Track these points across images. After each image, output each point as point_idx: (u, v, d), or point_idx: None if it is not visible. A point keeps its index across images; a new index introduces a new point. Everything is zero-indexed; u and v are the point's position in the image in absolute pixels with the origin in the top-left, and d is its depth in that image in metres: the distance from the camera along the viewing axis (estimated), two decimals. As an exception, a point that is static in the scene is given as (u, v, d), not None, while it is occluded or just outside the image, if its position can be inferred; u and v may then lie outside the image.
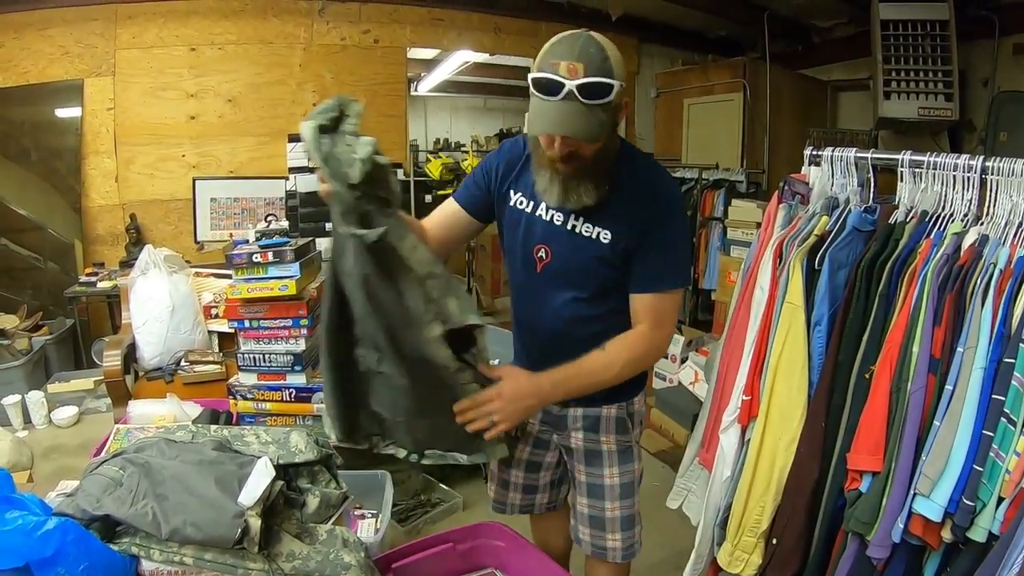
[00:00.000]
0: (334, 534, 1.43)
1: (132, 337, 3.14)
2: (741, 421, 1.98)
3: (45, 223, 4.39)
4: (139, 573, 1.31)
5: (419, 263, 1.42)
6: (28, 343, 3.72)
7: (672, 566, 2.74)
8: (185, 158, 4.80)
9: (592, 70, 1.39)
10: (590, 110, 1.41)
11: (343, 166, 1.34)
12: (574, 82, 1.38)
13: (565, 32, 1.45)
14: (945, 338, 1.60)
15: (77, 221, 4.49)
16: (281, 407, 2.40)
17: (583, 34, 1.43)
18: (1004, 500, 1.45)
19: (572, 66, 1.39)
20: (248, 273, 2.32)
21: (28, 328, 3.92)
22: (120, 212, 4.64)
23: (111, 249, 4.62)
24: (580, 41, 1.41)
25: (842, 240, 1.84)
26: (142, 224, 4.62)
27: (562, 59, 1.40)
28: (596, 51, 1.41)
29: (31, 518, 1.18)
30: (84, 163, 4.52)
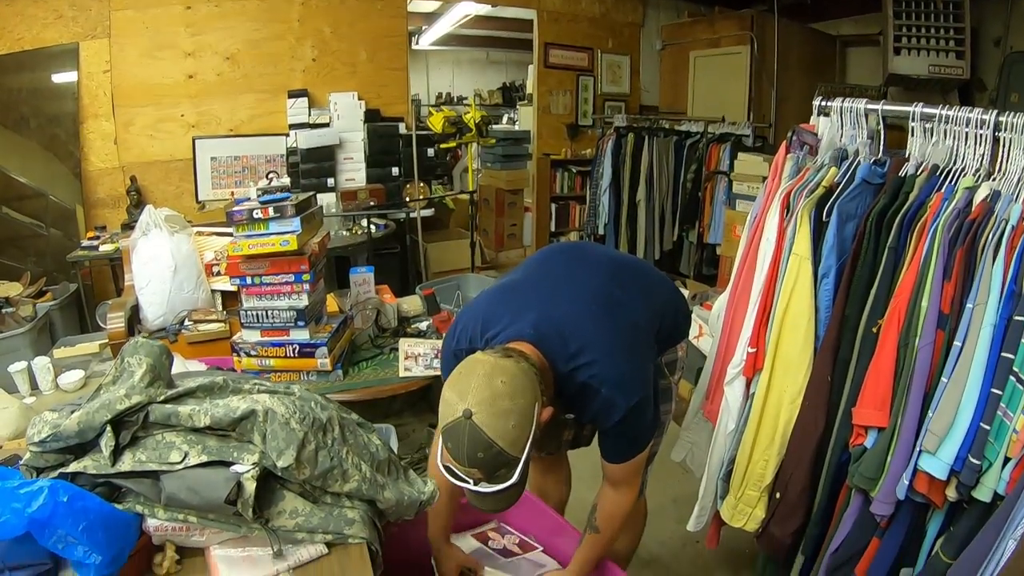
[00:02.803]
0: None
1: (135, 298, 3.12)
2: (746, 373, 1.97)
3: (46, 190, 4.38)
4: (143, 530, 1.29)
5: None
6: (32, 309, 3.71)
7: (674, 518, 2.77)
8: (184, 118, 4.76)
9: (487, 473, 1.35)
10: (501, 492, 1.38)
11: None
12: (475, 487, 1.37)
13: (452, 412, 1.34)
14: (955, 294, 1.58)
15: (78, 186, 4.48)
16: (285, 363, 2.39)
17: (465, 432, 1.32)
18: (1011, 460, 1.44)
19: (467, 471, 1.36)
20: (249, 229, 2.29)
21: (32, 295, 3.90)
22: (120, 175, 4.62)
23: (113, 212, 4.61)
24: (465, 444, 1.32)
25: (851, 192, 1.81)
26: (143, 186, 4.61)
27: (457, 462, 1.36)
28: (484, 450, 1.32)
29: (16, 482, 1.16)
30: (82, 127, 4.49)
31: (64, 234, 4.39)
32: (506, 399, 1.32)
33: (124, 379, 1.39)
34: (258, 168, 4.72)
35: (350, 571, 1.31)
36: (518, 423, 1.32)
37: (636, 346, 1.56)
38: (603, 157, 5.79)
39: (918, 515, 1.66)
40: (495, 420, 1.31)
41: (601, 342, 1.50)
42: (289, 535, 1.31)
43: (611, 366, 1.49)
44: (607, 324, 1.53)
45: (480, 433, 1.30)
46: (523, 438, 1.34)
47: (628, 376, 1.50)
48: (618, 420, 1.50)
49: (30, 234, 4.34)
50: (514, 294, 1.64)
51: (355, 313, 2.78)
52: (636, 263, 1.92)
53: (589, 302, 1.56)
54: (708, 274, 5.21)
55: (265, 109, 4.89)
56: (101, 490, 1.28)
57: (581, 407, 1.54)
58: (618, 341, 1.52)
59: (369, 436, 1.52)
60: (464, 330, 1.61)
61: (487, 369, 1.36)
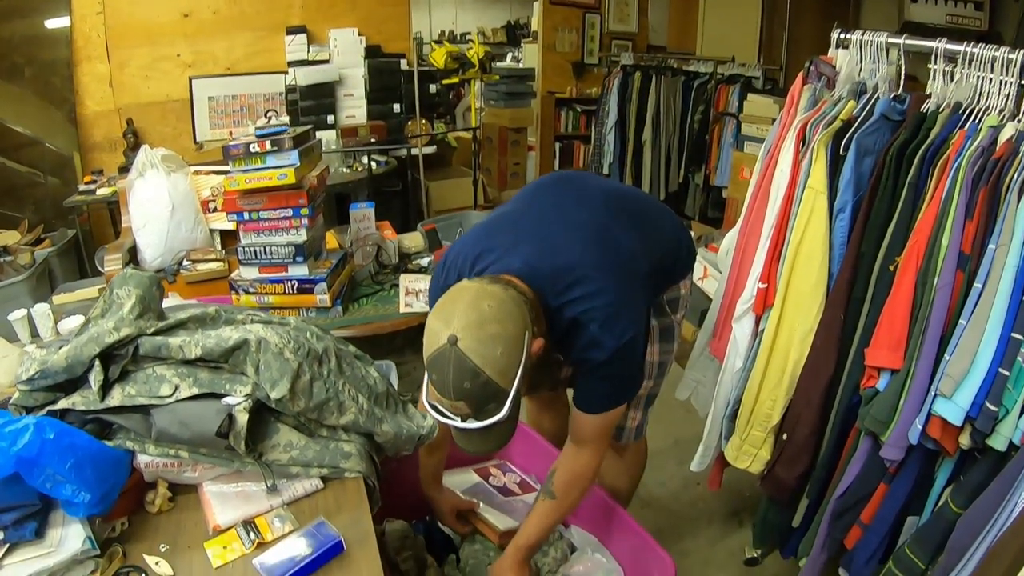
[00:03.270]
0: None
1: (133, 240, 3.09)
2: (756, 310, 1.93)
3: (42, 138, 4.31)
4: (135, 467, 1.27)
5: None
6: (31, 257, 3.69)
7: (675, 459, 2.76)
8: (180, 57, 4.64)
9: (475, 406, 1.27)
10: (488, 430, 1.31)
11: None
12: (461, 423, 1.29)
13: (436, 341, 1.26)
14: (976, 233, 1.52)
15: (74, 132, 4.41)
16: (284, 299, 2.35)
17: (450, 361, 1.23)
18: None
19: (453, 405, 1.27)
20: (245, 163, 2.23)
21: (30, 242, 3.88)
22: (116, 117, 4.52)
23: (110, 156, 4.53)
24: (451, 374, 1.24)
25: (870, 126, 1.74)
26: (139, 128, 4.53)
27: (442, 395, 1.27)
28: (471, 379, 1.23)
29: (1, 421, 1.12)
30: (76, 71, 4.38)
31: (62, 182, 4.34)
32: (493, 324, 1.25)
33: (113, 311, 1.35)
34: (257, 107, 4.63)
35: (346, 506, 1.29)
36: (506, 350, 1.25)
37: (631, 283, 1.48)
38: (609, 96, 5.71)
39: (927, 462, 1.63)
40: (482, 346, 1.23)
41: (594, 277, 1.41)
42: (283, 469, 1.29)
43: (603, 302, 1.41)
44: (601, 258, 1.45)
45: (466, 360, 1.22)
46: (512, 368, 1.26)
47: (620, 314, 1.42)
48: (603, 361, 1.42)
49: (28, 183, 4.29)
50: (505, 226, 1.56)
51: (355, 249, 2.74)
52: (636, 193, 1.85)
53: (583, 234, 1.48)
54: (713, 216, 5.17)
55: (263, 47, 4.76)
56: (91, 427, 1.25)
57: (568, 345, 1.46)
58: (612, 276, 1.44)
59: (367, 368, 1.49)
60: (453, 264, 1.54)
61: (472, 294, 1.29)
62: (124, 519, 1.23)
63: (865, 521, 1.73)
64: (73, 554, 1.11)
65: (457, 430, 1.33)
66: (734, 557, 2.36)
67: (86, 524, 1.15)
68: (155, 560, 1.15)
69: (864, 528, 1.74)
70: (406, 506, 1.81)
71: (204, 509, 1.25)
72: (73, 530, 1.14)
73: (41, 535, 1.13)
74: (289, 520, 1.24)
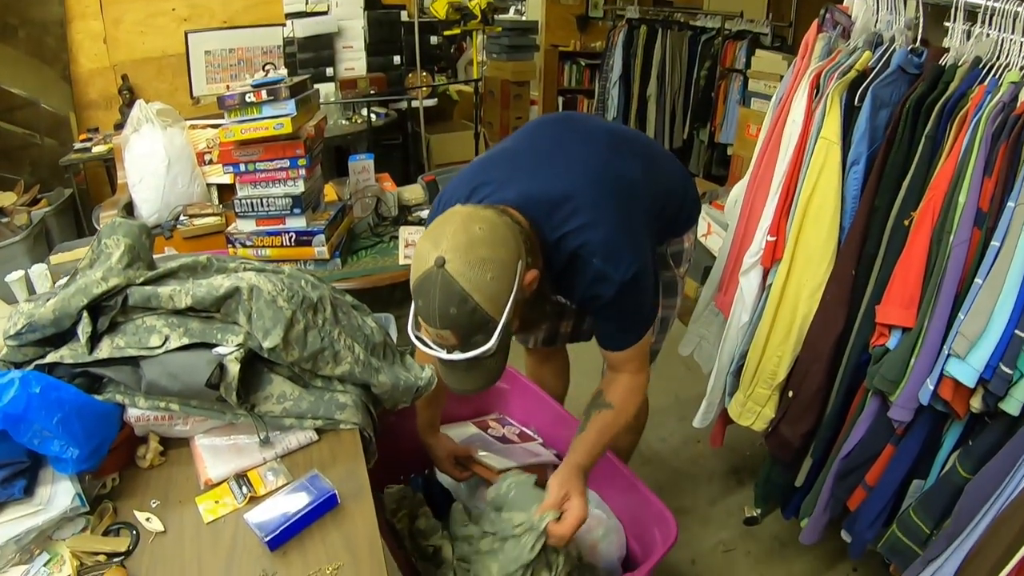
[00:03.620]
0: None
1: (129, 196, 3.05)
2: (764, 263, 1.88)
3: (37, 99, 4.23)
4: (125, 421, 1.24)
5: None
6: (27, 218, 3.65)
7: (676, 416, 2.75)
8: (176, 11, 4.56)
9: (462, 334, 1.21)
10: (477, 363, 1.26)
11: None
12: (447, 355, 1.24)
13: (424, 264, 1.20)
14: (995, 190, 1.47)
15: (69, 92, 4.35)
16: (281, 252, 2.33)
17: (437, 284, 1.17)
18: None
19: (439, 334, 1.21)
20: (241, 114, 2.19)
21: (26, 203, 3.85)
22: (111, 74, 4.45)
23: (105, 114, 4.47)
24: (437, 299, 1.17)
25: (886, 77, 1.68)
26: (135, 84, 4.46)
27: (427, 323, 1.21)
28: (458, 305, 1.17)
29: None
30: (70, 28, 4.30)
31: (58, 142, 4.29)
32: (484, 247, 1.19)
33: (101, 261, 1.31)
34: (254, 60, 4.54)
35: (341, 458, 1.26)
36: (497, 276, 1.19)
37: (632, 214, 1.42)
38: (614, 50, 5.64)
39: (935, 425, 1.60)
40: (471, 270, 1.17)
41: (593, 209, 1.35)
42: (277, 421, 1.26)
43: (604, 234, 1.35)
44: (601, 189, 1.39)
45: (453, 283, 1.17)
46: (502, 295, 1.20)
47: (623, 246, 1.36)
48: (612, 297, 1.36)
49: (24, 144, 4.24)
50: (502, 161, 1.50)
51: (354, 201, 2.72)
52: (638, 136, 1.77)
53: (582, 167, 1.41)
54: (718, 174, 5.14)
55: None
56: (80, 381, 1.22)
57: (570, 283, 1.41)
58: (612, 208, 1.38)
59: (364, 318, 1.45)
60: (448, 199, 1.47)
61: (463, 216, 1.23)
62: (115, 475, 1.21)
63: (870, 483, 1.71)
64: (63, 511, 1.09)
65: (442, 363, 1.28)
66: (733, 516, 2.36)
67: (75, 481, 1.12)
68: (146, 516, 1.13)
69: (868, 490, 1.72)
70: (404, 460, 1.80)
71: (196, 463, 1.23)
72: (62, 487, 1.12)
73: (30, 493, 1.11)
74: (282, 473, 1.21)
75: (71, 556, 1.04)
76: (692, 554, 2.22)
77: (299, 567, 1.06)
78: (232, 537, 1.11)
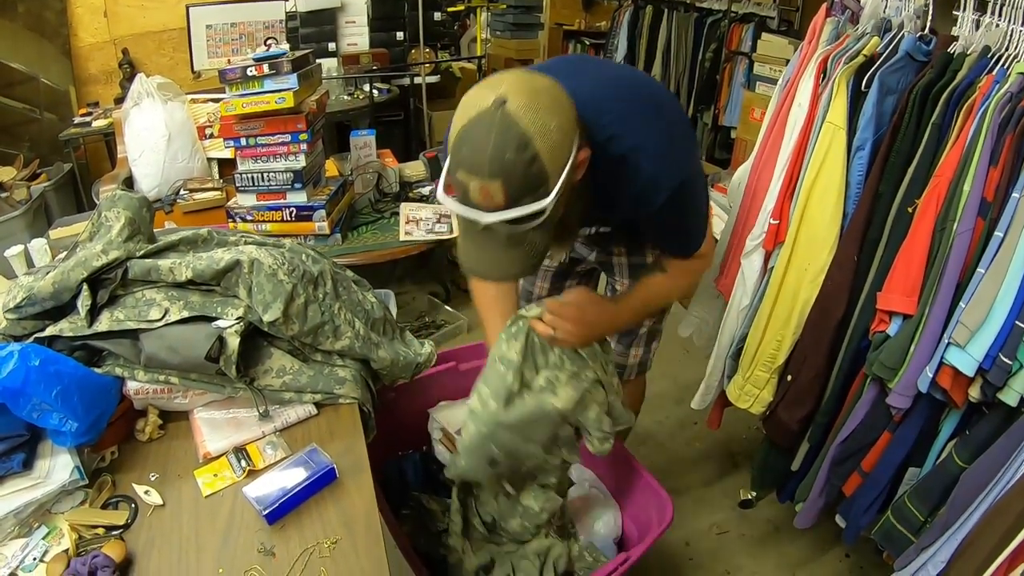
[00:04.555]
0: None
1: (129, 171, 3.05)
2: (766, 246, 1.88)
3: (37, 73, 4.21)
4: (124, 394, 1.24)
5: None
6: (27, 192, 3.64)
7: (673, 399, 2.76)
8: (177, -15, 4.50)
9: (515, 186, 1.02)
10: (521, 239, 1.10)
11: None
12: (490, 216, 1.05)
13: (477, 106, 1.03)
14: (1000, 181, 1.46)
15: (69, 66, 4.32)
16: (282, 227, 2.33)
17: (496, 121, 1.01)
18: None
19: (485, 188, 1.03)
20: (243, 88, 2.18)
21: (26, 177, 3.83)
22: (112, 48, 4.42)
23: (106, 88, 4.44)
24: (491, 142, 1.00)
25: (893, 64, 1.67)
26: (135, 59, 4.43)
27: (472, 174, 1.03)
28: (516, 150, 1.00)
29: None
30: (70, 2, 4.26)
31: (58, 117, 4.26)
32: (548, 96, 1.04)
33: (101, 234, 1.31)
34: (256, 35, 4.50)
35: (340, 433, 1.27)
36: (561, 127, 1.03)
37: (678, 126, 1.34)
38: (619, 29, 5.61)
39: (933, 414, 1.60)
40: (535, 113, 1.01)
41: (642, 115, 1.25)
42: (276, 395, 1.26)
43: (654, 139, 1.24)
44: (645, 101, 1.29)
45: (514, 125, 1.00)
46: (564, 153, 1.05)
47: (674, 150, 1.27)
48: (663, 203, 1.25)
49: (24, 120, 4.21)
50: (538, 70, 1.26)
51: (355, 177, 2.71)
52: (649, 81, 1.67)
53: (616, 86, 1.30)
54: (721, 157, 5.10)
55: (263, -27, 4.62)
56: (79, 354, 1.22)
57: (616, 190, 1.26)
58: (660, 116, 1.28)
59: (364, 293, 1.45)
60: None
61: (522, 71, 1.10)
62: (114, 448, 1.21)
63: (866, 469, 1.72)
64: (62, 485, 1.09)
65: (472, 239, 1.13)
66: (728, 498, 2.37)
67: (75, 454, 1.13)
68: (145, 489, 1.14)
69: (864, 476, 1.73)
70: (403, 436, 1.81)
71: (195, 436, 1.23)
72: (61, 460, 1.13)
73: (29, 466, 1.12)
74: (281, 447, 1.22)
75: (70, 529, 1.05)
76: (686, 535, 2.23)
77: (296, 541, 1.06)
78: (230, 511, 1.11)
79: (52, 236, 2.70)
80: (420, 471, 1.83)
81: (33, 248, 2.35)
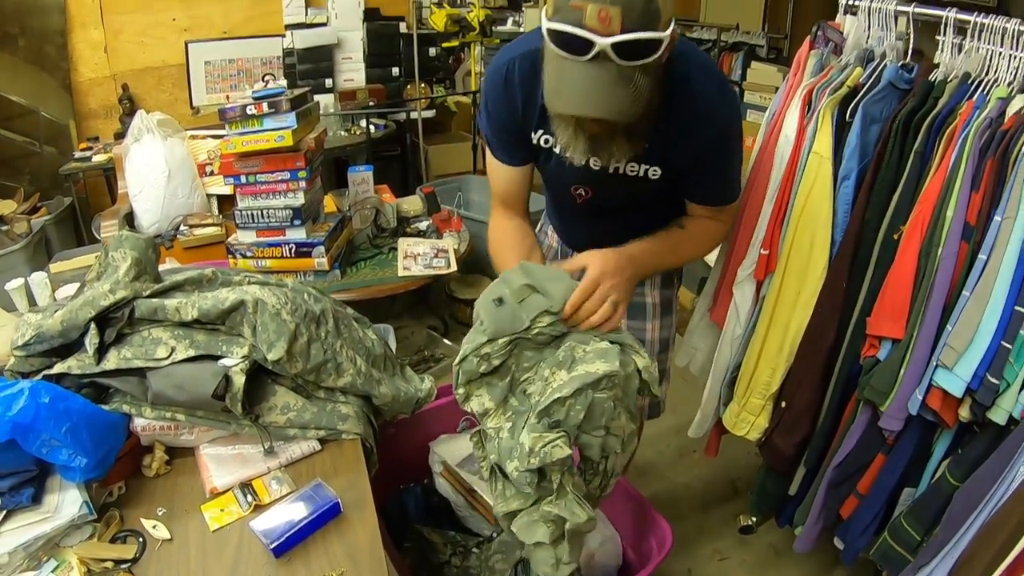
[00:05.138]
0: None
1: (129, 206, 3.06)
2: (757, 276, 1.91)
3: (37, 107, 4.25)
4: (131, 431, 1.26)
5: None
6: (27, 226, 3.66)
7: (672, 427, 2.77)
8: (176, 22, 4.58)
9: (634, 17, 1.02)
10: (630, 76, 1.07)
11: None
12: (607, 39, 1.03)
13: None
14: (982, 205, 1.50)
15: (69, 101, 4.36)
16: (281, 263, 2.35)
17: None
18: None
19: (604, 12, 1.01)
20: (242, 126, 2.21)
21: (26, 211, 3.86)
22: (112, 84, 4.47)
23: (105, 123, 4.49)
24: None
25: (876, 94, 1.71)
26: (135, 94, 4.48)
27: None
28: None
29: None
30: (71, 38, 4.31)
31: (58, 151, 4.29)
32: None
33: (108, 274, 1.34)
34: (254, 71, 4.57)
35: (343, 468, 1.29)
36: None
37: (724, 77, 1.42)
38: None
39: (926, 435, 1.63)
40: None
41: (698, 53, 1.32)
42: (280, 431, 1.28)
43: (713, 73, 1.30)
44: (700, 52, 1.36)
45: None
46: (671, 9, 1.06)
47: (725, 90, 1.32)
48: (715, 137, 1.31)
49: (23, 152, 4.24)
50: None
51: (353, 213, 2.73)
52: None
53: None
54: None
55: (260, 10, 4.69)
56: (87, 391, 1.24)
57: (678, 109, 1.27)
58: (711, 63, 1.35)
59: (365, 330, 1.48)
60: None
61: None
62: (121, 483, 1.23)
63: (862, 491, 1.74)
64: (71, 519, 1.10)
65: (577, 68, 1.07)
66: (729, 525, 2.38)
67: (83, 489, 1.14)
68: (152, 524, 1.15)
69: (860, 498, 1.74)
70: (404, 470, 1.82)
71: (201, 472, 1.25)
72: (70, 495, 1.14)
73: (38, 501, 1.13)
74: (286, 482, 1.24)
75: (79, 563, 1.06)
76: (688, 562, 2.24)
77: (303, 574, 1.08)
78: (237, 545, 1.13)
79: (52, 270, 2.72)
80: (421, 504, 1.84)
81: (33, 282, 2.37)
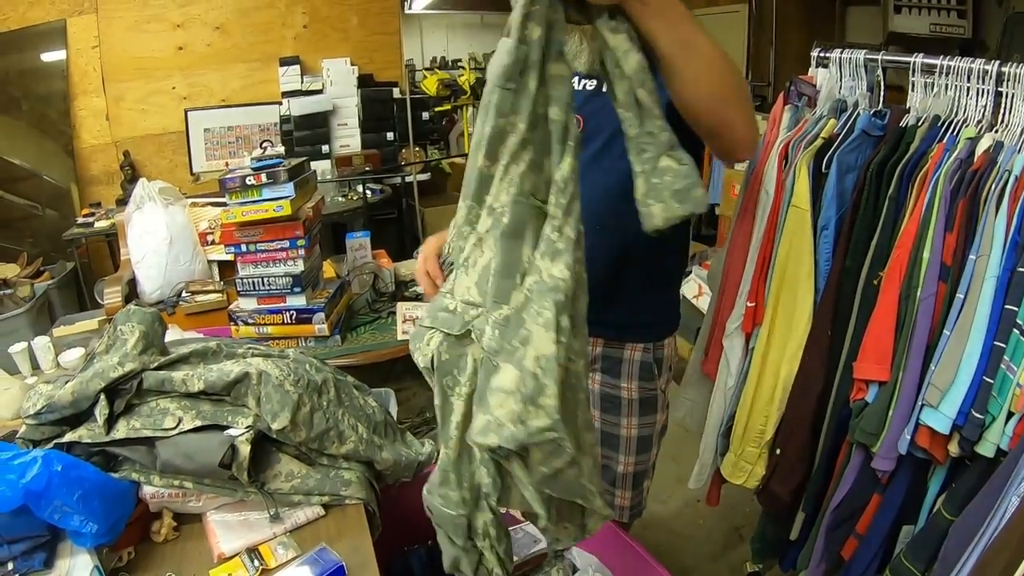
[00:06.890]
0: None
1: (132, 273, 3.10)
2: (745, 328, 1.95)
3: (39, 171, 4.34)
4: (140, 498, 1.30)
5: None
6: (30, 290, 3.68)
7: (673, 478, 2.78)
8: (176, 90, 4.70)
9: None
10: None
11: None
12: None
13: None
14: (957, 245, 1.54)
15: (71, 164, 4.44)
16: (282, 329, 2.38)
17: None
18: (1014, 415, 1.41)
19: None
20: (242, 196, 2.26)
21: (29, 275, 3.88)
22: (113, 150, 4.57)
23: (107, 189, 4.57)
24: None
25: (850, 143, 1.77)
26: (136, 160, 4.57)
27: None
28: None
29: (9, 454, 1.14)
30: (73, 104, 4.43)
31: (60, 214, 4.36)
32: None
33: (117, 347, 1.38)
34: (252, 138, 4.67)
35: (347, 532, 1.31)
36: None
37: None
38: (601, 112, 5.71)
39: (919, 472, 1.65)
40: None
41: None
42: (285, 498, 1.32)
43: None
44: None
45: None
46: None
47: None
48: None
49: (26, 216, 4.31)
50: None
51: (352, 278, 2.77)
52: None
53: None
54: (706, 234, 5.17)
55: (257, 78, 4.82)
56: (97, 459, 1.28)
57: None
58: None
59: (365, 398, 1.52)
60: None
61: None
62: (130, 549, 1.26)
63: (861, 532, 1.75)
64: (82, 584, 1.12)
65: None
66: (735, 573, 2.38)
67: (94, 554, 1.17)
68: (162, 589, 1.18)
69: (860, 539, 1.75)
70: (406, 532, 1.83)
71: (208, 538, 1.28)
72: (81, 560, 1.17)
73: (50, 565, 1.16)
74: (292, 547, 1.26)
75: (91, 629, 1.09)
76: (694, 613, 2.24)
77: (310, 637, 1.10)
78: (245, 609, 1.15)
79: (55, 334, 2.75)
80: (426, 565, 1.85)
81: (37, 346, 2.40)
